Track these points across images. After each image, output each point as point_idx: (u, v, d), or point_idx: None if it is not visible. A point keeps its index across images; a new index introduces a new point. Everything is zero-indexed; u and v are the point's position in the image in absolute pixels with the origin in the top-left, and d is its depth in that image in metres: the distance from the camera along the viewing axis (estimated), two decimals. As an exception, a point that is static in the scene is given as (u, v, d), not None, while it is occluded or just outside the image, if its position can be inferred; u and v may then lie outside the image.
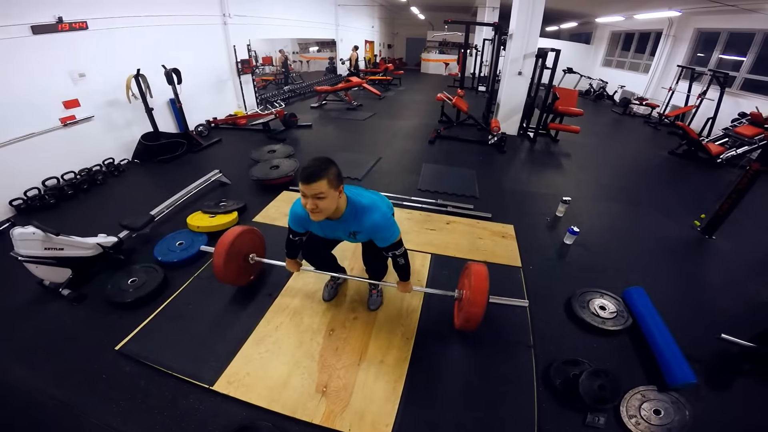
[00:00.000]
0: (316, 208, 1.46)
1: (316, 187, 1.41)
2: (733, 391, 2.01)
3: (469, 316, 1.79)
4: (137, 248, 2.93)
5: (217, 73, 6.51)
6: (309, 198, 1.44)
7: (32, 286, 2.45)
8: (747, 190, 3.19)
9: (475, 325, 1.83)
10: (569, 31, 16.26)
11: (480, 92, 11.13)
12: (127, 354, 2.01)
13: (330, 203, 1.48)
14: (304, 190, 1.44)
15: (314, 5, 9.86)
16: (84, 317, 2.28)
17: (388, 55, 18.85)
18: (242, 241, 2.26)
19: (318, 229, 1.79)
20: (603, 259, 3.08)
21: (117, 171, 4.40)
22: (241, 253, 2.26)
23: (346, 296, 2.47)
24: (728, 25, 7.81)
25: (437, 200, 3.78)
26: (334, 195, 1.48)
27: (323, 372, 1.94)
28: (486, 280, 1.82)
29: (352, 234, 1.74)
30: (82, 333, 2.17)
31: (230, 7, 6.37)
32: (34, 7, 3.53)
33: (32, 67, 3.58)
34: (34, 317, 2.29)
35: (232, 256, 2.17)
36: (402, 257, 1.82)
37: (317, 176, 1.40)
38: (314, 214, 1.49)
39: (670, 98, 8.90)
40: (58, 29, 3.75)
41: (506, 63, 6.29)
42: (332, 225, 1.71)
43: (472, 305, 1.77)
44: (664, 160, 6.03)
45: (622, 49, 12.57)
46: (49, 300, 2.40)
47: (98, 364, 1.96)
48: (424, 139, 6.13)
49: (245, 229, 2.30)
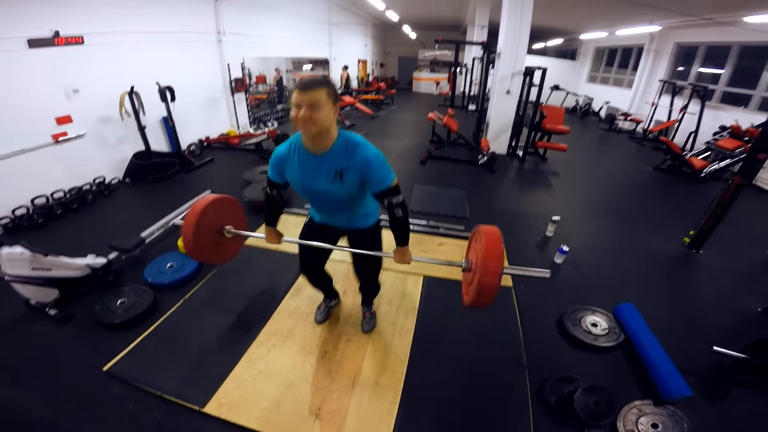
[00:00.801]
0: (309, 117, 1.29)
1: (314, 94, 1.28)
2: (729, 403, 2.04)
3: (483, 287, 1.44)
4: (127, 270, 2.89)
5: (211, 91, 6.53)
6: (303, 107, 1.29)
7: (18, 305, 2.41)
8: (730, 204, 3.28)
9: (489, 299, 1.48)
10: (555, 47, 16.77)
11: (470, 111, 11.26)
12: (115, 375, 1.98)
13: (325, 116, 1.32)
14: (299, 99, 1.29)
15: (308, 24, 10.03)
16: (71, 337, 2.25)
17: (380, 74, 19.14)
18: (216, 211, 1.90)
19: (297, 170, 1.52)
20: (593, 277, 3.12)
21: (107, 190, 4.36)
22: (214, 225, 1.89)
23: (339, 319, 2.46)
24: (706, 39, 8.17)
25: (429, 222, 3.81)
26: (330, 110, 1.34)
27: (316, 394, 1.91)
28: (500, 242, 1.48)
29: (339, 174, 1.46)
30: (69, 353, 2.13)
31: (225, 25, 6.44)
32: (31, 20, 3.53)
33: (26, 81, 3.57)
34: (19, 336, 2.25)
35: (204, 228, 1.81)
36: (400, 208, 1.55)
37: (316, 84, 1.30)
38: (307, 126, 1.32)
39: (653, 113, 9.16)
40: (55, 43, 3.75)
41: (495, 81, 6.44)
42: (317, 162, 1.47)
43: (485, 274, 1.43)
44: (649, 176, 6.17)
45: (606, 65, 12.98)
46: (36, 319, 2.36)
47: (86, 385, 1.93)
48: (415, 159, 6.18)
49: (220, 198, 1.91)
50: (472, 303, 1.53)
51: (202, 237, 1.80)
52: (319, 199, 1.63)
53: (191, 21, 5.80)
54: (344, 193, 1.52)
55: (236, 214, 2.08)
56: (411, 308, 2.58)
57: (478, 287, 1.45)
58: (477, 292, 1.47)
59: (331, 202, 1.60)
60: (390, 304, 2.62)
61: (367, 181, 1.48)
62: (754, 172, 3.20)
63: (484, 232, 1.52)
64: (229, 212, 2.01)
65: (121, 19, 4.50)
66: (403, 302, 2.63)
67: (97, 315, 2.33)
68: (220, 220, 1.93)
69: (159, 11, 5.10)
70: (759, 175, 5.74)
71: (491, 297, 1.47)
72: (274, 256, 3.06)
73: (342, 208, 1.66)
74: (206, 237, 1.85)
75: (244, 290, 2.71)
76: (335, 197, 1.54)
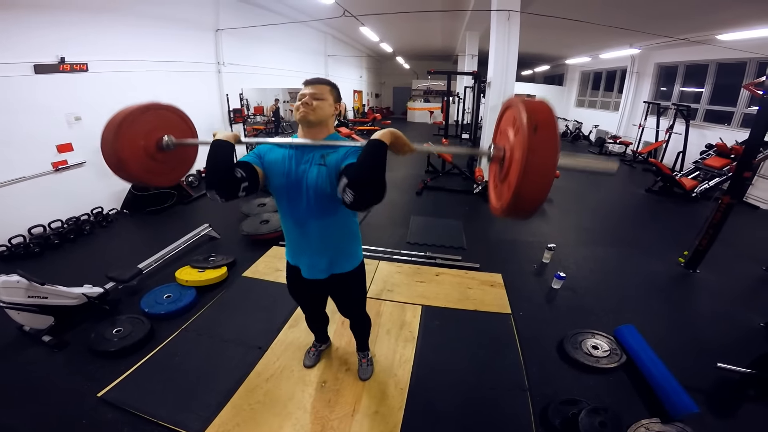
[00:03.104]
0: (311, 104, 1.36)
1: (319, 87, 1.39)
2: (739, 418, 2.03)
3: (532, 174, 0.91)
4: (123, 299, 2.86)
5: (210, 122, 6.63)
6: (308, 95, 1.37)
7: (12, 330, 2.40)
8: (722, 224, 3.33)
9: (539, 197, 0.97)
10: (543, 74, 17.36)
11: (464, 140, 11.25)
12: (109, 401, 1.94)
13: (326, 109, 1.39)
14: (304, 91, 1.39)
15: (305, 56, 10.35)
16: (65, 364, 2.23)
17: (375, 104, 19.61)
18: (151, 118, 1.50)
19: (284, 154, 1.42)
20: (592, 301, 3.11)
21: (105, 221, 4.37)
22: (149, 133, 1.47)
23: (339, 348, 2.43)
24: (684, 58, 8.51)
25: (426, 253, 3.82)
26: (331, 106, 1.42)
27: (316, 423, 1.87)
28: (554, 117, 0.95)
29: (323, 157, 1.36)
30: (63, 379, 2.11)
31: (225, 56, 6.62)
32: (38, 45, 3.62)
33: (30, 107, 3.62)
34: (12, 361, 2.24)
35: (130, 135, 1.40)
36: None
37: (322, 80, 1.41)
38: (307, 111, 1.36)
39: (641, 135, 9.36)
40: (60, 69, 3.82)
41: (486, 110, 6.60)
42: (306, 152, 1.40)
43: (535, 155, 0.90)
44: (642, 198, 6.26)
45: (592, 89, 13.38)
46: (29, 345, 2.34)
47: (79, 411, 1.89)
48: (411, 190, 6.22)
49: (151, 104, 1.51)
50: (512, 205, 0.99)
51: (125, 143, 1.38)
52: (295, 197, 1.42)
53: (192, 51, 5.98)
54: (323, 178, 1.35)
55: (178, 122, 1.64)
56: (410, 338, 2.56)
57: (523, 175, 0.91)
58: (522, 182, 0.92)
59: (308, 202, 1.41)
60: (389, 333, 2.60)
61: (347, 157, 1.29)
62: (742, 191, 3.27)
63: (524, 106, 0.96)
64: (167, 120, 1.59)
65: (124, 47, 4.64)
66: (402, 332, 2.62)
67: (92, 343, 2.31)
68: (157, 128, 1.52)
69: (162, 41, 5.30)
70: (749, 192, 5.85)
71: (543, 193, 0.95)
72: (271, 288, 3.05)
73: (318, 217, 1.45)
74: (135, 147, 1.43)
75: (241, 321, 2.68)
76: (313, 186, 1.37)
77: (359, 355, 2.26)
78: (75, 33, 3.99)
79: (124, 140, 1.38)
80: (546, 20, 5.96)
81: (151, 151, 1.48)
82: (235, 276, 3.27)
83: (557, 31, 8.85)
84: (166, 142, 1.50)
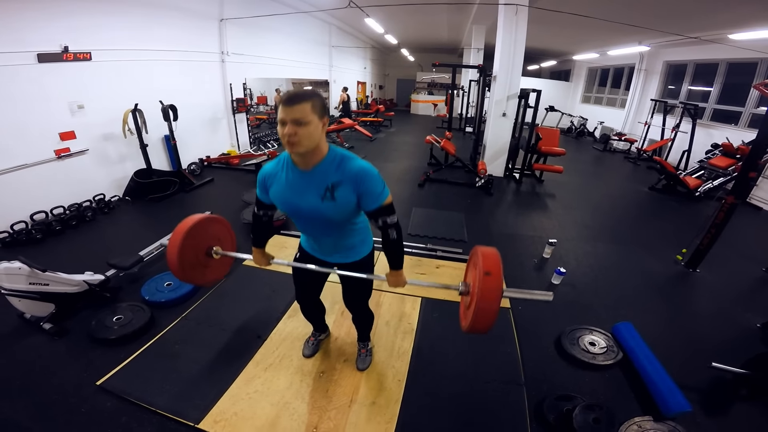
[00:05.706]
0: (294, 135, 1.21)
1: (299, 109, 1.20)
2: (731, 418, 2.04)
3: (481, 312, 1.35)
4: (124, 287, 2.88)
5: (213, 111, 6.65)
6: (288, 124, 1.21)
7: (12, 317, 2.41)
8: (725, 224, 3.31)
9: (487, 324, 1.37)
10: (549, 69, 17.17)
11: (467, 133, 11.32)
12: (108, 389, 1.96)
13: (312, 133, 1.24)
14: (283, 116, 1.21)
15: (309, 46, 10.30)
16: (65, 351, 2.23)
17: (379, 96, 19.50)
18: (204, 231, 1.78)
19: (283, 186, 1.42)
20: (591, 297, 3.12)
21: (107, 208, 4.39)
22: (201, 246, 1.78)
23: (338, 339, 2.44)
24: (694, 57, 8.40)
25: (427, 245, 3.82)
26: (317, 124, 1.25)
27: (313, 413, 1.89)
28: (499, 264, 1.37)
29: (330, 190, 1.35)
30: (62, 367, 2.11)
31: (229, 45, 6.63)
32: (42, 34, 3.62)
33: (34, 96, 3.63)
34: (11, 349, 2.24)
35: (189, 248, 1.71)
36: (395, 229, 1.47)
37: (301, 98, 1.21)
38: (292, 145, 1.24)
39: (646, 132, 9.29)
40: (63, 59, 3.83)
41: (491, 104, 6.57)
42: (305, 178, 1.37)
43: (483, 298, 1.32)
44: (645, 196, 6.24)
45: (599, 85, 13.27)
46: (30, 333, 2.35)
47: (77, 399, 1.91)
48: (413, 182, 6.21)
49: (207, 218, 1.78)
50: (471, 328, 1.41)
51: (187, 257, 1.70)
52: (306, 221, 1.52)
53: (196, 41, 5.97)
54: (336, 213, 1.40)
55: (225, 234, 1.95)
56: (409, 330, 2.57)
57: (476, 312, 1.35)
58: (475, 316, 1.36)
59: (320, 224, 1.49)
60: (388, 325, 2.61)
61: (361, 196, 1.36)
62: (746, 191, 3.26)
63: (482, 254, 1.40)
64: (217, 233, 1.89)
65: (128, 37, 4.63)
66: (401, 324, 2.63)
67: (92, 330, 2.32)
68: (208, 241, 1.81)
69: (166, 30, 5.28)
70: (753, 193, 5.82)
71: (490, 322, 1.35)
72: (271, 277, 3.05)
73: (331, 233, 1.56)
74: (192, 258, 1.74)
75: (241, 310, 2.70)
76: (324, 217, 1.42)
77: (359, 345, 2.28)
78: (79, 22, 3.99)
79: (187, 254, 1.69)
80: (554, 15, 5.88)
81: (201, 260, 1.79)
82: (235, 265, 3.28)
83: (565, 27, 8.75)
84: (215, 251, 1.81)
